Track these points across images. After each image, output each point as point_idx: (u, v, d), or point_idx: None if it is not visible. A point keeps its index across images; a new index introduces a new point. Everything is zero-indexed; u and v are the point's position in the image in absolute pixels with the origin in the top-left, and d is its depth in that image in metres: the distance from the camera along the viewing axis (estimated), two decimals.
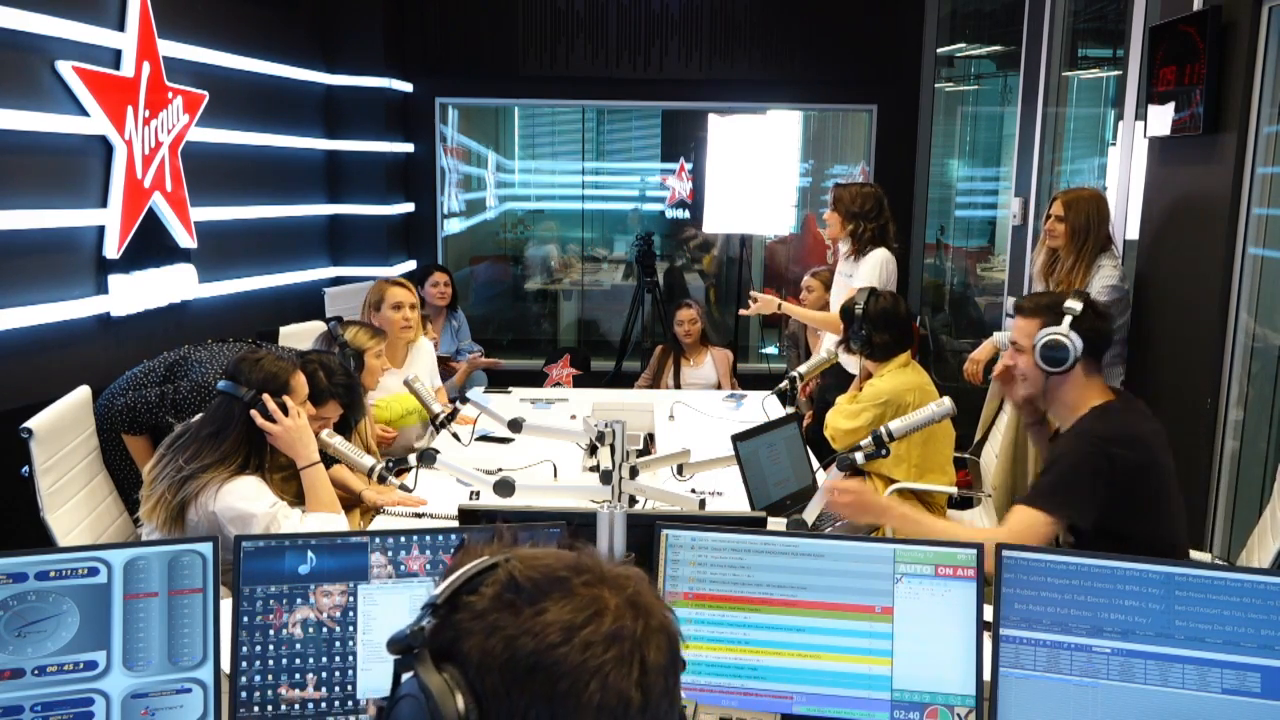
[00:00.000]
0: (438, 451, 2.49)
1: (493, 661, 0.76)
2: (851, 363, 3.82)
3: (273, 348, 3.15)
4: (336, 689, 1.60)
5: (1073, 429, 2.27)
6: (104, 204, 3.72)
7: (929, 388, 3.36)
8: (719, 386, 4.91)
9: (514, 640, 0.76)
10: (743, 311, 4.53)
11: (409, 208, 6.37)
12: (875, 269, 4.03)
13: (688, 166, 7.16)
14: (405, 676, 0.80)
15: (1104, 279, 3.50)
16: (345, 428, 2.83)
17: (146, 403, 2.93)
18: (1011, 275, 5.14)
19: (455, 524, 1.93)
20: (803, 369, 3.43)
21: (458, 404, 2.99)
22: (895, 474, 3.27)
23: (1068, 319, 2.23)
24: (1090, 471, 2.17)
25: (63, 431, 2.70)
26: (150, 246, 4.00)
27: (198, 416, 2.49)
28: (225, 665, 1.60)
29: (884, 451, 2.26)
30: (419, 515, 2.82)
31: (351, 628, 1.61)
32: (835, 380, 3.97)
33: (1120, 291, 3.54)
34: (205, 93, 4.29)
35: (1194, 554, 2.57)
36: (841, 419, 3.36)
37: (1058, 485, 2.20)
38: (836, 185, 4.28)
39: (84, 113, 3.57)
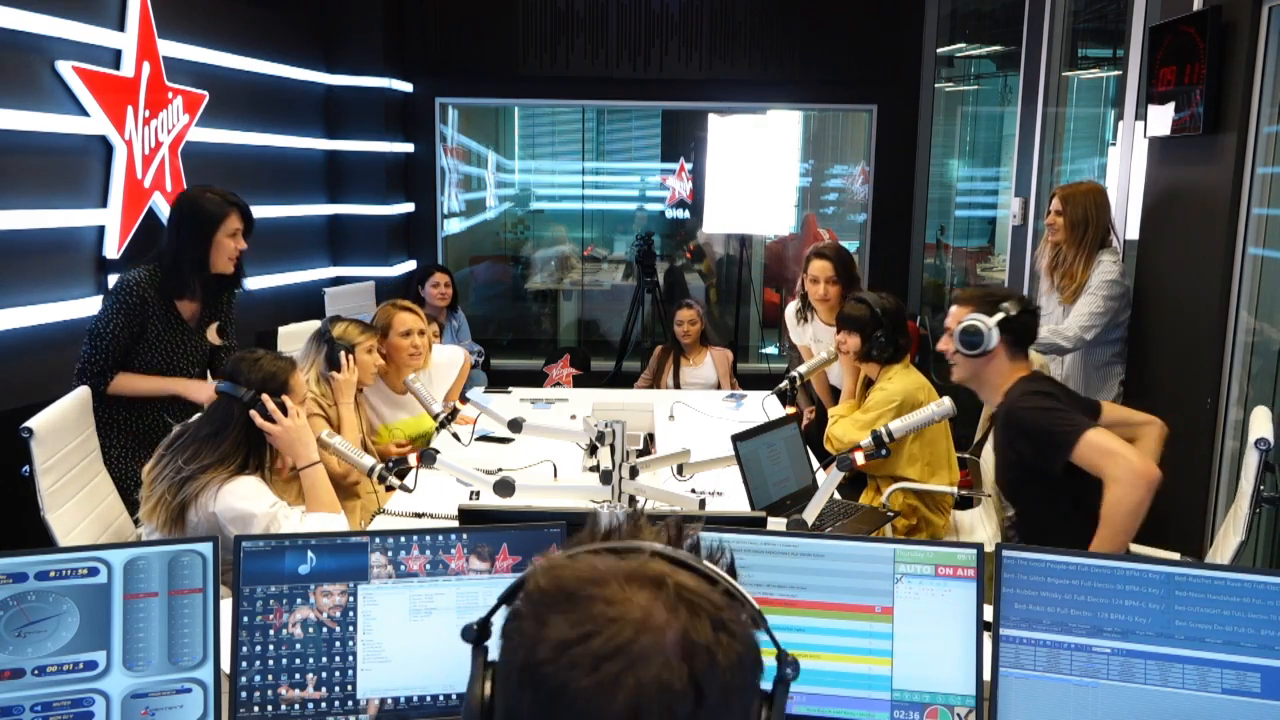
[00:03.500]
0: (438, 451, 2.49)
1: (508, 667, 0.80)
2: (832, 373, 3.81)
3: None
4: (336, 689, 1.60)
5: (1017, 389, 2.42)
6: (104, 204, 3.73)
7: (931, 387, 3.36)
8: (719, 386, 4.91)
9: (515, 651, 0.79)
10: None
11: (409, 208, 6.37)
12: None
13: (688, 166, 7.16)
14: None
15: (1103, 274, 3.50)
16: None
17: (103, 339, 2.95)
18: (1011, 275, 5.13)
19: (455, 524, 1.93)
20: (803, 369, 3.43)
21: (457, 404, 2.99)
22: (909, 473, 3.24)
23: (999, 315, 2.40)
24: (1060, 412, 2.33)
25: (63, 431, 2.69)
26: (150, 246, 3.99)
27: (196, 416, 2.49)
28: (225, 665, 1.60)
29: (884, 452, 2.26)
30: (419, 515, 2.82)
31: (351, 628, 1.61)
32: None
33: (1121, 287, 3.53)
34: (205, 93, 4.30)
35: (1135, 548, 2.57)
36: (854, 430, 3.23)
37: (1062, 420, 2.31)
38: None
39: (84, 113, 3.57)
